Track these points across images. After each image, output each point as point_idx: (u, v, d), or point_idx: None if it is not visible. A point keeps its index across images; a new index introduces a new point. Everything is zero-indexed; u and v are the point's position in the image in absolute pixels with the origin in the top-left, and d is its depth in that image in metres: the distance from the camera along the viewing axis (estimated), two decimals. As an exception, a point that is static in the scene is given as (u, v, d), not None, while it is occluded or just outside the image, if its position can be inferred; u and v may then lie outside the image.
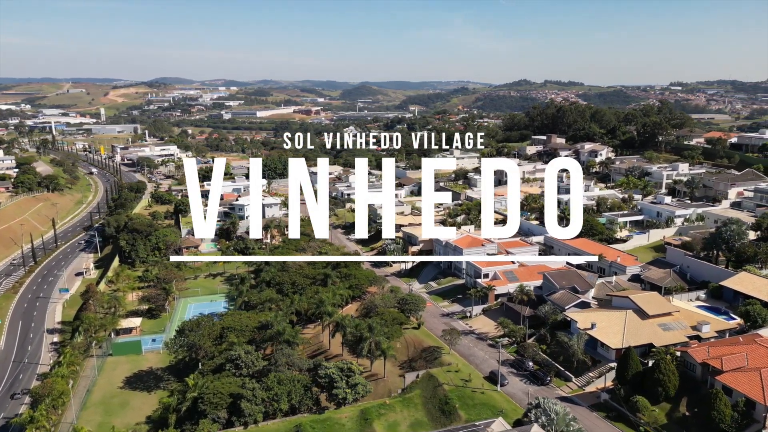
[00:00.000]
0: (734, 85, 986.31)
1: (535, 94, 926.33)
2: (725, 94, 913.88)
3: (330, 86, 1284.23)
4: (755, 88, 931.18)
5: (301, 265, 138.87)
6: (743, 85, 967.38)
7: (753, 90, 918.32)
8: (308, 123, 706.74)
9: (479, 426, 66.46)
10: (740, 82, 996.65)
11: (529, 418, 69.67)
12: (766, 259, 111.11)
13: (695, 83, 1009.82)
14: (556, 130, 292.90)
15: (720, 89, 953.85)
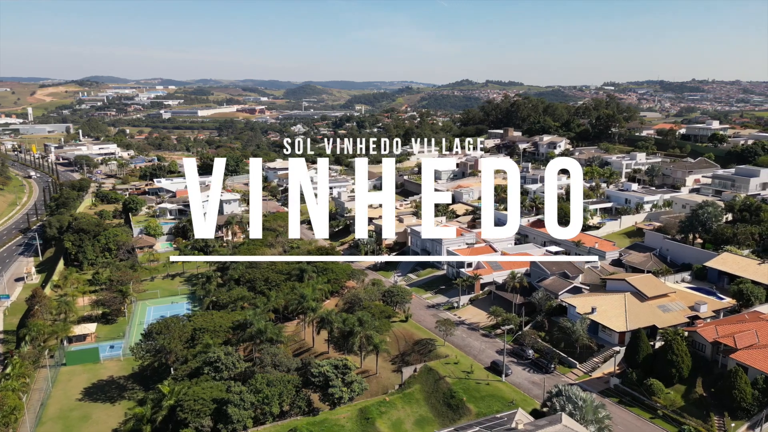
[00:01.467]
0: (662, 85, 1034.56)
1: (477, 94, 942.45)
2: (654, 93, 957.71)
3: (273, 85, 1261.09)
4: (681, 87, 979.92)
5: (274, 261, 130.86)
6: (670, 85, 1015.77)
7: (680, 89, 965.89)
8: (253, 122, 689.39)
9: (502, 418, 62.05)
10: (667, 82, 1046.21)
11: (549, 407, 65.78)
12: (745, 239, 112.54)
13: (627, 83, 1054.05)
14: (511, 124, 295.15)
15: (649, 89, 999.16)
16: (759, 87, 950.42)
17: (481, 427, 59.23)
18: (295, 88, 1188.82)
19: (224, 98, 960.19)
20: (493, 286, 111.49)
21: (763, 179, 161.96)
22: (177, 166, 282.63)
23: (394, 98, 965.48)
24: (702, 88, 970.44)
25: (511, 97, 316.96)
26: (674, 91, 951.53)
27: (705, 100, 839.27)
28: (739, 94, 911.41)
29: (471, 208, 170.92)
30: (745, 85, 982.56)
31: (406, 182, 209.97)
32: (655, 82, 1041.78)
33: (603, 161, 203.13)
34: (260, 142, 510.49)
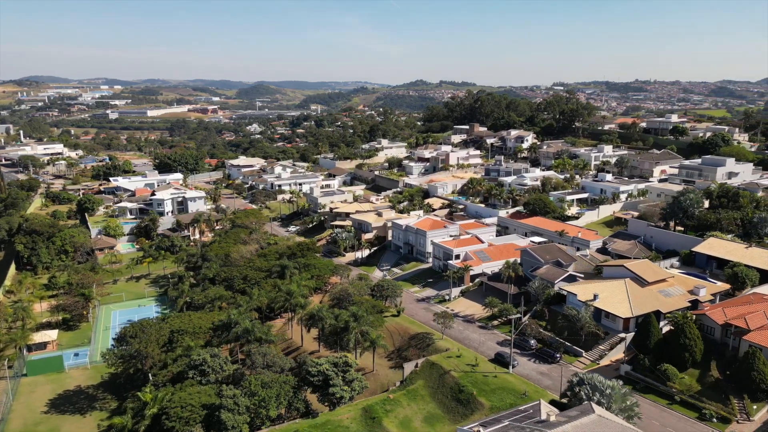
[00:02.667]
0: (608, 85, 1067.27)
1: (432, 94, 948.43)
2: (601, 93, 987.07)
3: (224, 85, 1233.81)
4: (626, 87, 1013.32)
5: (251, 258, 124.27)
6: (616, 86, 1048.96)
7: (624, 90, 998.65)
8: (207, 122, 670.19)
9: (527, 411, 58.73)
10: (613, 82, 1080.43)
11: (572, 396, 62.91)
12: (728, 225, 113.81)
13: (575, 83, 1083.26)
14: (474, 119, 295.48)
15: (596, 89, 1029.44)
16: (698, 87, 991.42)
17: (510, 420, 55.65)
18: (247, 88, 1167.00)
19: (174, 98, 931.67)
20: (484, 278, 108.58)
21: (729, 168, 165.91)
22: (131, 166, 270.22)
23: (349, 98, 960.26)
24: (645, 88, 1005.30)
25: (474, 94, 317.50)
26: (619, 91, 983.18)
27: (648, 100, 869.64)
28: (679, 94, 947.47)
29: (447, 201, 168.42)
30: (684, 85, 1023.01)
31: (378, 178, 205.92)
32: (601, 83, 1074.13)
33: (571, 154, 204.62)
34: (215, 141, 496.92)
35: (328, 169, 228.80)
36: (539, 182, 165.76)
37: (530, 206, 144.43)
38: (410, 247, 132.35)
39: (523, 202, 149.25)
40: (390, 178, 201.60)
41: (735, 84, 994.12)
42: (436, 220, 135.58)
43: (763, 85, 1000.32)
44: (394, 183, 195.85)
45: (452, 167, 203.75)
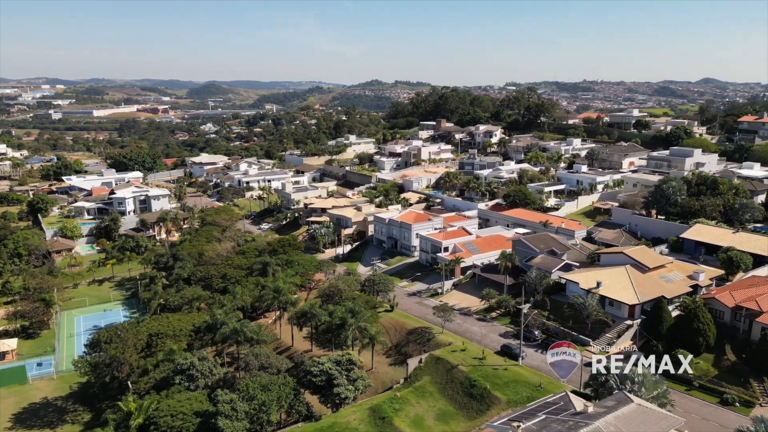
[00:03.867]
0: (558, 85, 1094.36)
1: (388, 94, 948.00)
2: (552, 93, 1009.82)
3: (174, 85, 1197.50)
4: (575, 87, 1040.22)
5: (229, 256, 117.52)
6: (565, 86, 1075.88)
7: (573, 89, 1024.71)
8: (158, 122, 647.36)
9: (557, 403, 55.70)
10: (562, 82, 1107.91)
11: (597, 386, 60.26)
12: (712, 211, 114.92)
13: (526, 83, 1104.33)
14: (439, 116, 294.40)
15: (547, 89, 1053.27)
16: (641, 87, 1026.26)
17: (545, 413, 52.37)
18: (198, 87, 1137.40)
19: (121, 98, 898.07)
20: (477, 270, 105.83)
21: (696, 159, 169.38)
22: (83, 166, 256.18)
23: (305, 98, 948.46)
24: (593, 88, 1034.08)
25: (439, 90, 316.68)
26: (569, 90, 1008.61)
27: (597, 99, 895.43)
28: (625, 94, 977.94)
29: (423, 196, 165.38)
30: (629, 85, 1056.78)
31: (349, 173, 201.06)
32: (551, 83, 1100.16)
33: (541, 148, 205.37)
34: (169, 141, 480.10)
35: (296, 165, 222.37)
36: (516, 175, 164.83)
37: (510, 198, 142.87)
38: (394, 241, 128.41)
39: (503, 194, 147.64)
40: (362, 173, 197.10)
41: (676, 84, 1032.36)
42: (420, 213, 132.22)
43: (702, 84, 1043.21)
44: (366, 178, 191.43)
45: (424, 162, 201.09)
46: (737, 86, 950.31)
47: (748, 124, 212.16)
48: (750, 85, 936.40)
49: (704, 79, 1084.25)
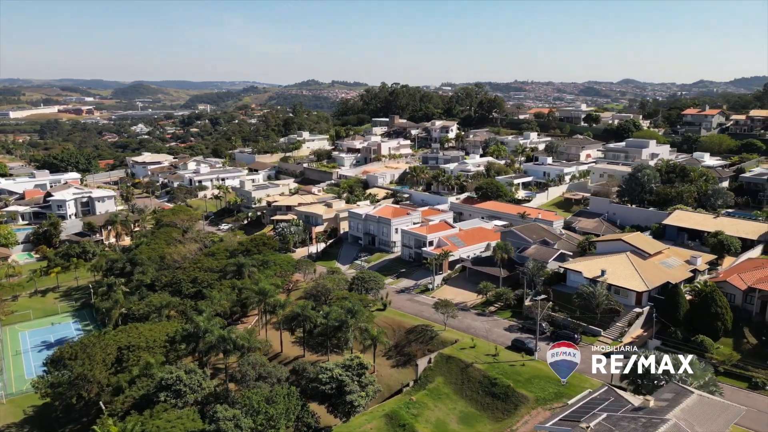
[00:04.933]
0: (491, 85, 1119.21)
1: (326, 93, 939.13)
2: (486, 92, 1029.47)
3: (98, 85, 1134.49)
4: (507, 87, 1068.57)
5: (197, 259, 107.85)
6: (498, 86, 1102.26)
7: (506, 89, 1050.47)
8: (83, 123, 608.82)
9: (607, 398, 51.96)
10: (495, 82, 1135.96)
11: (639, 377, 57.03)
12: (689, 197, 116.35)
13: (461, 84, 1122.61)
14: (390, 112, 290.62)
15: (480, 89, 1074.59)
16: (568, 87, 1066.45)
17: (601, 410, 48.39)
18: (124, 87, 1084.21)
19: (40, 98, 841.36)
20: (467, 263, 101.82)
21: (651, 150, 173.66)
22: (7, 169, 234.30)
23: (240, 98, 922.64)
24: (524, 88, 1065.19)
25: (389, 86, 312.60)
26: (501, 90, 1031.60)
27: (528, 99, 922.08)
28: (554, 93, 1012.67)
29: (390, 191, 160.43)
30: (558, 85, 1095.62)
31: (307, 170, 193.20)
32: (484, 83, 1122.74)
33: (499, 142, 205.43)
34: (97, 143, 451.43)
35: (247, 163, 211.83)
36: (483, 168, 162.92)
37: (482, 191, 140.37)
38: (371, 237, 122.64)
39: (473, 187, 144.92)
40: (321, 170, 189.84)
41: (600, 84, 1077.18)
42: (397, 207, 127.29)
43: (623, 84, 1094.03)
44: (326, 175, 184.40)
45: (384, 158, 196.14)
46: (655, 86, 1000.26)
47: (692, 116, 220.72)
48: (666, 84, 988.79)
49: (625, 80, 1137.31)
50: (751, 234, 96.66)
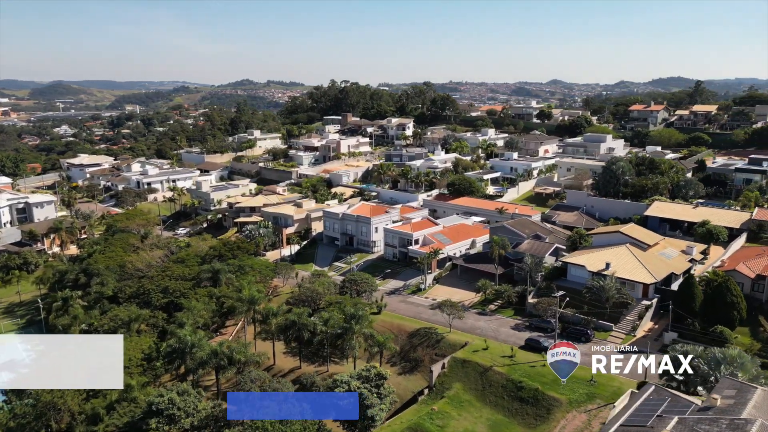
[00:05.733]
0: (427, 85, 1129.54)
1: (262, 93, 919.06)
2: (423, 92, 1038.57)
3: (12, 85, 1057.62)
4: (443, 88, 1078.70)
5: (165, 266, 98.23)
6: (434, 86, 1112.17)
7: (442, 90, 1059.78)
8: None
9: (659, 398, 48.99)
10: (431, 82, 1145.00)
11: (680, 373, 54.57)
12: (664, 188, 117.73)
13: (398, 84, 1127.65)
14: (340, 110, 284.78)
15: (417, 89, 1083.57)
16: (501, 87, 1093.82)
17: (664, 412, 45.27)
18: (42, 88, 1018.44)
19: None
20: (460, 260, 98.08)
21: (608, 144, 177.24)
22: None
23: (171, 98, 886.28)
24: (459, 89, 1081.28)
25: (339, 84, 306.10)
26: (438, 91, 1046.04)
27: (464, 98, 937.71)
28: (488, 94, 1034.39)
29: (356, 190, 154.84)
30: (491, 86, 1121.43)
31: (264, 170, 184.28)
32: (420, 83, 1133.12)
33: (456, 138, 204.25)
34: (18, 146, 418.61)
35: (197, 164, 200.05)
36: (450, 164, 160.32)
37: (455, 187, 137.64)
38: (349, 237, 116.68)
39: (445, 183, 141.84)
40: (279, 169, 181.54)
41: (530, 85, 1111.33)
42: (375, 205, 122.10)
43: (552, 85, 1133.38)
44: (285, 174, 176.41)
45: (344, 156, 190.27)
46: (580, 86, 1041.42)
47: (638, 112, 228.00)
48: (590, 85, 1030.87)
49: (553, 80, 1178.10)
50: (733, 222, 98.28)
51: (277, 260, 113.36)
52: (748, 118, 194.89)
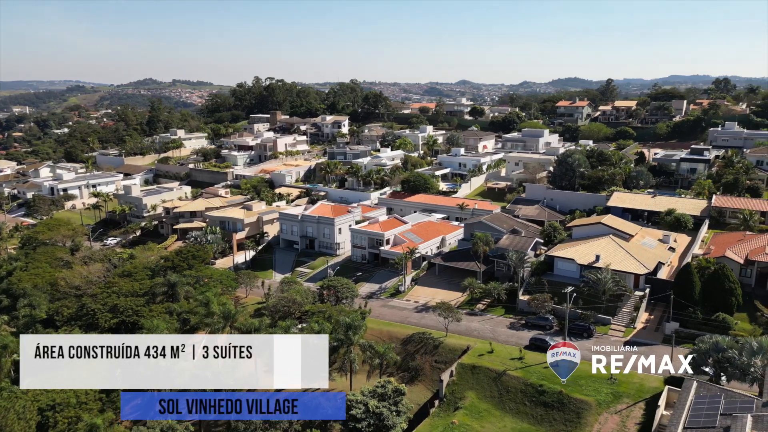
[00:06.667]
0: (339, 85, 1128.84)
1: (167, 93, 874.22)
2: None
3: None
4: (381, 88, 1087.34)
5: (114, 281, 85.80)
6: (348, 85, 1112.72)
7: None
8: None
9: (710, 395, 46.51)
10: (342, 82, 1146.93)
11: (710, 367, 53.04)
12: (619, 179, 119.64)
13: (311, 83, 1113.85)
14: (266, 108, 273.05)
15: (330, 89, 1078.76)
16: (413, 88, 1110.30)
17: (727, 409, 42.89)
18: None
19: None
20: (437, 259, 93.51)
21: (546, 139, 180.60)
22: None
23: (65, 98, 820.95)
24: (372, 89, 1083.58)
25: (263, 81, 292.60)
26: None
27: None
28: (401, 93, 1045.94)
29: (303, 190, 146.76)
30: (403, 86, 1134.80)
31: (194, 171, 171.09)
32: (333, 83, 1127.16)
33: (396, 136, 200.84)
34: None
35: (116, 167, 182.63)
36: (400, 161, 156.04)
37: (410, 184, 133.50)
38: (309, 240, 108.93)
39: (400, 181, 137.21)
40: (212, 170, 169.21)
41: (441, 85, 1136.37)
42: (336, 206, 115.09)
43: (461, 85, 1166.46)
44: (220, 176, 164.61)
45: (282, 155, 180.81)
46: (488, 87, 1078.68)
47: (565, 108, 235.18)
48: (497, 85, 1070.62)
49: (462, 81, 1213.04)
50: (694, 210, 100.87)
51: (230, 268, 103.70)
52: (669, 112, 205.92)
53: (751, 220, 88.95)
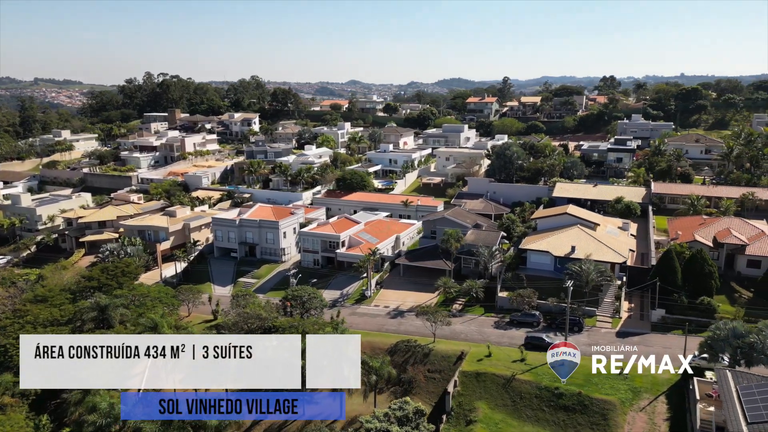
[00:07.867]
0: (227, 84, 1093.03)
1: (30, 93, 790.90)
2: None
3: None
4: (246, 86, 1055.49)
5: (25, 309, 70.06)
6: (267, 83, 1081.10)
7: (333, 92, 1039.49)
8: None
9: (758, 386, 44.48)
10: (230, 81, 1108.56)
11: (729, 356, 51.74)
12: (559, 170, 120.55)
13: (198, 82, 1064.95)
14: (160, 106, 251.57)
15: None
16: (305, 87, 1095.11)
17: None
18: None
19: None
20: (402, 259, 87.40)
21: (465, 134, 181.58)
22: None
23: None
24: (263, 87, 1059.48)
25: (156, 77, 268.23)
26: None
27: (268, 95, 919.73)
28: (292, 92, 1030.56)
29: (225, 192, 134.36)
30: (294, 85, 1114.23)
31: (90, 176, 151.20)
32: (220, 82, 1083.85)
33: (313, 134, 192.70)
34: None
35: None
36: (329, 159, 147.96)
37: (346, 182, 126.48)
38: (249, 247, 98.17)
39: (335, 179, 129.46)
40: (113, 174, 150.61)
41: (332, 84, 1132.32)
42: (277, 207, 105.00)
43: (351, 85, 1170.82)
44: (123, 180, 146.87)
45: (191, 155, 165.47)
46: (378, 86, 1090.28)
47: (474, 104, 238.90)
48: (386, 85, 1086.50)
49: (351, 81, 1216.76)
50: (636, 197, 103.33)
51: (158, 282, 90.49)
52: (573, 107, 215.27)
53: (699, 205, 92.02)
